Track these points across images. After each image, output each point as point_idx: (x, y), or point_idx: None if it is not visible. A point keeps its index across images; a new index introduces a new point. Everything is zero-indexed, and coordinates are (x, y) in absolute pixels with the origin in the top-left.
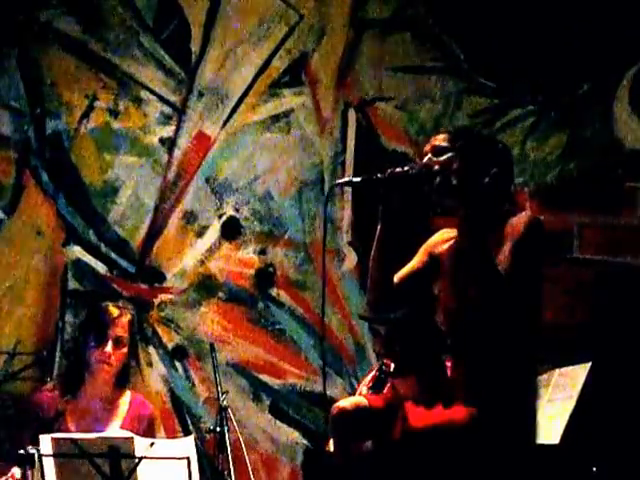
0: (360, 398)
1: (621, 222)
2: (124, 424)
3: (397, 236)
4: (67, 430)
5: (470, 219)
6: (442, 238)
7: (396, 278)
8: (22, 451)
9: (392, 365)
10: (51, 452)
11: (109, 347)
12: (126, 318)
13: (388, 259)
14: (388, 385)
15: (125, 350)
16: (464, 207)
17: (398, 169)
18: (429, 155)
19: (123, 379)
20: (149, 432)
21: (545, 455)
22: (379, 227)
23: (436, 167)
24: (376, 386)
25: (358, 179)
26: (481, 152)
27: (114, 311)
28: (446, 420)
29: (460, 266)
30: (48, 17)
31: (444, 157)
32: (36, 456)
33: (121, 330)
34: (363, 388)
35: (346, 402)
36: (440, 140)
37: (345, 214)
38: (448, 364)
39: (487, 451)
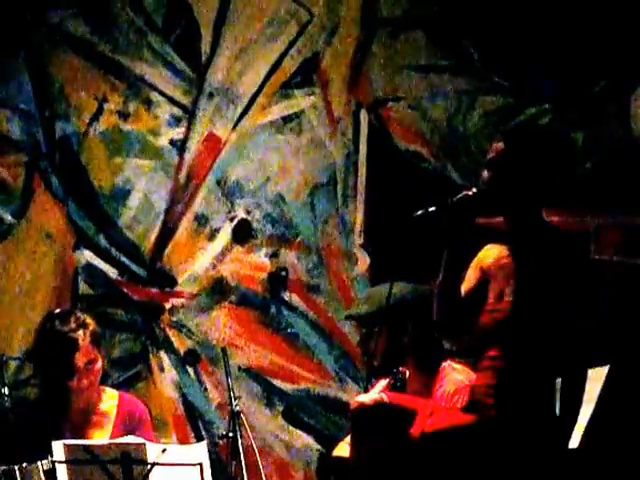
0: (381, 394)
1: (639, 223)
2: (115, 428)
3: (463, 258)
4: None
5: (512, 233)
6: (489, 254)
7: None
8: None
9: (407, 373)
10: (63, 458)
11: (84, 376)
12: (87, 339)
13: (457, 281)
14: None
15: (99, 365)
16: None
17: (465, 192)
18: (485, 172)
19: (101, 380)
20: (142, 431)
21: (564, 459)
22: (447, 252)
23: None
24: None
25: (433, 208)
26: (525, 156)
27: (72, 337)
28: (464, 422)
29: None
30: (57, 19)
31: (485, 174)
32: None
33: (87, 353)
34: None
35: (366, 397)
36: (493, 151)
37: (358, 217)
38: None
39: (506, 455)
